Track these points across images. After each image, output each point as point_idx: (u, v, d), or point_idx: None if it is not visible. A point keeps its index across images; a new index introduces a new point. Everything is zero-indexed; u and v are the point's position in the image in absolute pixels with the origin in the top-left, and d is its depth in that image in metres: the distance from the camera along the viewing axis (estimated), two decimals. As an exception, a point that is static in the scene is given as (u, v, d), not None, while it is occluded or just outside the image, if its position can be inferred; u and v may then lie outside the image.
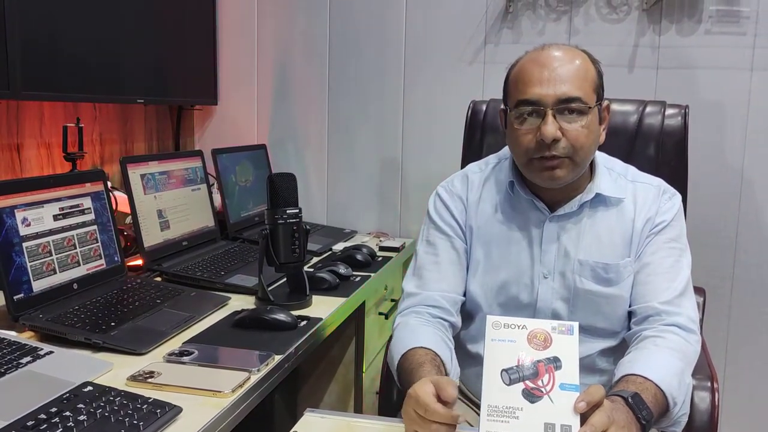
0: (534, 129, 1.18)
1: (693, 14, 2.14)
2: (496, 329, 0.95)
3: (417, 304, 1.30)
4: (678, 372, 1.09)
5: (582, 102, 1.17)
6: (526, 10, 2.24)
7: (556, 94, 1.16)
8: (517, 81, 1.21)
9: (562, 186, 1.23)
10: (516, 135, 1.21)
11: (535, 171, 1.21)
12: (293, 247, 1.54)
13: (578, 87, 1.17)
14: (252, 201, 2.26)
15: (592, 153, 1.23)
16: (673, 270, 1.23)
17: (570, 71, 1.18)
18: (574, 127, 1.17)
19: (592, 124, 1.19)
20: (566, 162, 1.19)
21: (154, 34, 2.15)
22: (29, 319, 1.28)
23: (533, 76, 1.18)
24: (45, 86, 1.72)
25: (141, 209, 1.72)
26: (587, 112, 1.18)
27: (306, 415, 1.09)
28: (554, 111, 1.16)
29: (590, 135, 1.19)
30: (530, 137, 1.19)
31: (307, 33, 2.46)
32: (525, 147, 1.20)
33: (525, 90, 1.18)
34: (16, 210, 1.32)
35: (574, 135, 1.17)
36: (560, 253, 1.27)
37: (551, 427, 0.88)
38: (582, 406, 0.89)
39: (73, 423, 0.91)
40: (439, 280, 1.31)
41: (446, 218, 1.35)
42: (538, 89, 1.17)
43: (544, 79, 1.17)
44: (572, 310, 1.26)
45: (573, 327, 0.95)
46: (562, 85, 1.17)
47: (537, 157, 1.19)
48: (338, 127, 2.48)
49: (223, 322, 1.42)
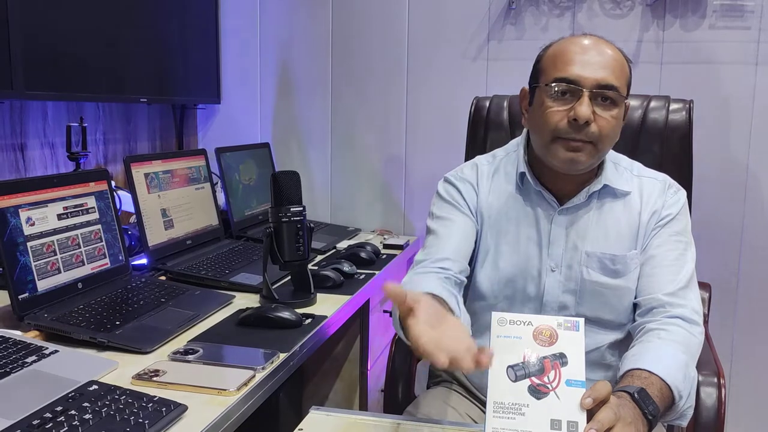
0: (567, 109, 1.17)
1: (697, 9, 2.13)
2: (502, 326, 0.94)
3: (425, 264, 1.26)
4: (683, 365, 1.09)
5: (618, 92, 1.17)
6: (529, 6, 2.23)
7: (596, 77, 1.16)
8: (556, 59, 1.20)
9: (580, 171, 1.22)
10: (546, 111, 1.19)
11: (557, 151, 1.19)
12: (297, 245, 1.53)
13: (617, 77, 1.17)
14: (256, 199, 2.26)
15: (612, 145, 1.23)
16: (678, 263, 1.23)
17: (610, 59, 1.18)
18: (606, 115, 1.17)
19: (620, 116, 1.20)
20: (589, 148, 1.18)
21: (157, 34, 2.15)
22: (34, 318, 1.28)
23: (575, 56, 1.18)
24: (48, 86, 1.72)
25: (145, 208, 1.72)
26: (619, 103, 1.19)
27: (311, 413, 1.08)
28: (591, 94, 1.16)
29: (617, 127, 1.20)
30: (561, 115, 1.17)
31: (309, 31, 2.46)
32: (554, 125, 1.18)
33: (564, 68, 1.18)
34: (21, 209, 1.32)
35: (603, 123, 1.17)
36: (568, 246, 1.26)
37: (558, 423, 0.88)
38: (588, 402, 0.89)
39: (78, 422, 0.91)
40: (447, 243, 1.27)
41: (457, 198, 1.33)
42: (578, 69, 1.17)
43: (586, 61, 1.17)
44: (579, 302, 1.26)
45: (579, 323, 0.94)
46: (602, 70, 1.16)
47: (563, 137, 1.18)
48: (341, 125, 2.48)
49: (228, 320, 1.42)
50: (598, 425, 0.88)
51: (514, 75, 1.26)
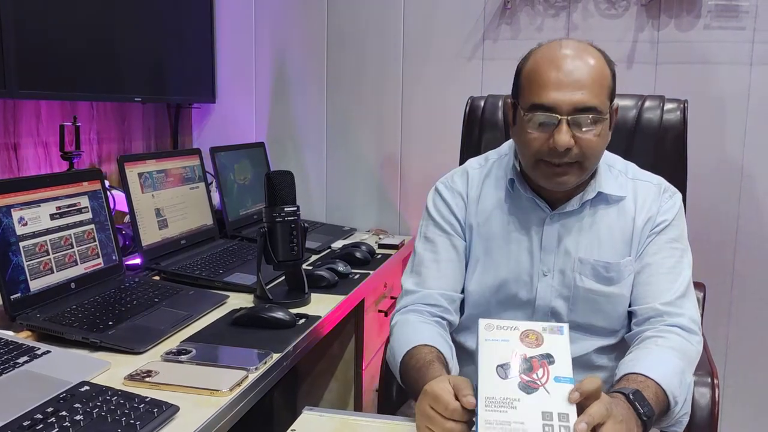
0: (546, 134, 1.15)
1: (692, 9, 2.13)
2: (489, 330, 0.97)
3: (416, 302, 1.29)
4: (679, 371, 1.08)
5: (597, 111, 1.14)
6: (525, 6, 2.23)
7: (572, 101, 1.12)
8: (531, 82, 1.17)
9: (567, 189, 1.22)
10: (526, 137, 1.17)
11: (542, 174, 1.19)
12: (291, 245, 1.53)
13: (595, 95, 1.13)
14: (251, 199, 2.26)
15: (599, 158, 1.22)
16: (675, 271, 1.22)
17: (587, 76, 1.13)
18: (588, 135, 1.14)
19: (604, 130, 1.17)
20: (575, 167, 1.16)
21: (151, 33, 2.14)
22: (26, 318, 1.27)
23: (549, 78, 1.13)
24: (42, 85, 1.71)
25: (139, 208, 1.71)
26: (601, 121, 1.15)
27: (304, 413, 1.08)
28: (569, 119, 1.13)
29: (601, 142, 1.17)
30: (541, 141, 1.15)
31: (305, 30, 2.45)
32: (535, 150, 1.16)
33: (540, 93, 1.14)
34: (13, 209, 1.31)
35: (586, 143, 1.14)
36: (560, 251, 1.26)
37: (549, 415, 0.89)
38: (575, 396, 0.89)
39: (69, 423, 0.91)
40: (438, 278, 1.30)
41: (446, 215, 1.33)
42: (554, 94, 1.13)
43: (561, 83, 1.13)
44: (572, 309, 1.25)
45: (563, 327, 0.97)
46: (579, 92, 1.12)
47: (546, 160, 1.17)
48: (337, 125, 2.47)
49: (222, 320, 1.42)
50: (588, 418, 0.88)
51: (509, 75, 1.24)
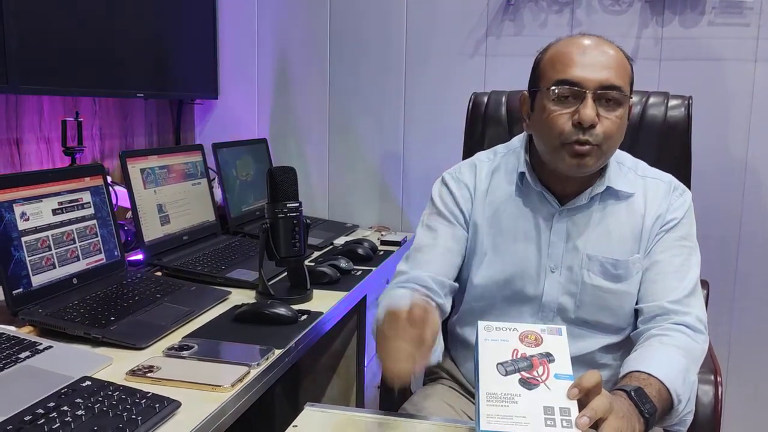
0: (570, 112, 1.14)
1: (696, 5, 2.12)
2: (488, 331, 0.97)
3: (405, 281, 1.27)
4: (682, 369, 1.08)
5: (622, 91, 1.15)
6: (528, 2, 2.22)
7: (599, 78, 1.13)
8: (555, 62, 1.17)
9: (586, 174, 1.21)
10: (550, 116, 1.16)
11: (564, 157, 1.17)
12: (293, 241, 1.53)
13: (620, 76, 1.15)
14: (253, 195, 2.25)
15: (617, 145, 1.21)
16: (683, 269, 1.22)
17: (612, 59, 1.16)
18: (611, 116, 1.15)
19: (624, 116, 1.17)
20: (595, 150, 1.16)
21: (154, 28, 2.14)
22: (28, 313, 1.27)
23: (575, 57, 1.15)
24: (44, 80, 1.71)
25: (141, 204, 1.71)
26: (623, 103, 1.16)
27: (306, 410, 1.08)
28: (594, 95, 1.13)
29: (621, 127, 1.17)
30: (565, 119, 1.15)
31: (307, 26, 2.45)
32: (559, 129, 1.15)
33: (565, 70, 1.15)
34: (15, 204, 1.31)
35: (608, 124, 1.15)
36: (569, 247, 1.25)
37: (550, 409, 0.89)
38: (574, 392, 0.89)
39: (70, 418, 0.91)
40: (430, 262, 1.28)
41: (450, 206, 1.32)
42: (580, 71, 1.14)
43: (587, 62, 1.14)
44: (579, 305, 1.25)
45: (561, 329, 0.98)
46: (605, 71, 1.14)
47: (569, 142, 1.15)
48: (339, 121, 2.47)
49: (224, 316, 1.41)
50: (591, 412, 0.87)
51: (513, 71, 1.25)
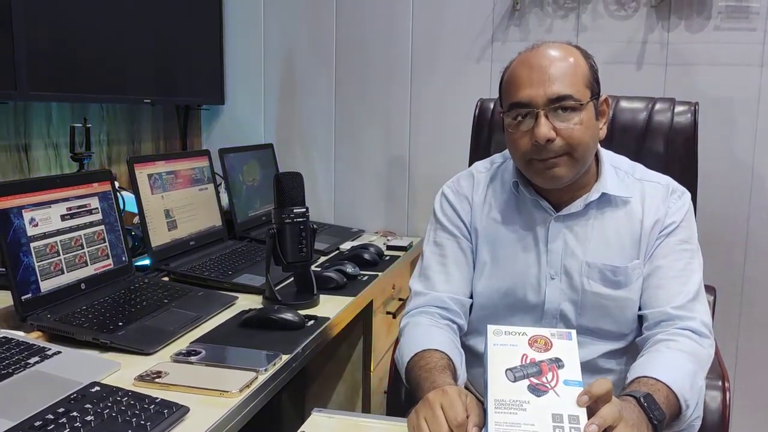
0: (529, 131, 1.17)
1: (702, 10, 2.12)
2: (497, 336, 0.97)
3: (425, 304, 1.29)
4: (690, 374, 1.08)
5: (573, 99, 1.16)
6: (534, 7, 2.23)
7: (546, 94, 1.15)
8: (509, 84, 1.21)
9: (565, 184, 1.22)
10: (512, 138, 1.21)
11: (534, 172, 1.21)
12: (300, 246, 1.53)
13: (569, 84, 1.16)
14: (259, 200, 2.26)
15: (591, 149, 1.21)
16: (685, 273, 1.22)
17: (559, 69, 1.17)
18: (568, 125, 1.16)
19: (588, 120, 1.18)
20: (564, 159, 1.17)
21: (161, 35, 2.15)
22: (37, 319, 1.28)
23: (523, 78, 1.18)
24: (52, 87, 1.72)
25: (148, 209, 1.72)
26: (580, 109, 1.17)
27: (313, 415, 1.08)
28: (546, 111, 1.15)
29: (586, 131, 1.18)
30: (526, 139, 1.18)
31: (313, 32, 2.46)
32: (522, 149, 1.19)
33: (516, 93, 1.18)
34: (24, 210, 1.32)
35: (568, 133, 1.16)
36: (566, 253, 1.25)
37: (559, 417, 0.89)
38: (584, 399, 0.89)
39: (80, 423, 0.91)
40: (446, 281, 1.31)
41: (452, 218, 1.34)
42: (528, 91, 1.16)
43: (534, 80, 1.16)
44: (580, 312, 1.25)
45: (571, 333, 0.97)
46: (552, 84, 1.15)
47: (535, 158, 1.18)
48: (345, 126, 2.48)
49: (231, 321, 1.42)
50: (600, 420, 0.87)
51: (518, 77, 1.25)
